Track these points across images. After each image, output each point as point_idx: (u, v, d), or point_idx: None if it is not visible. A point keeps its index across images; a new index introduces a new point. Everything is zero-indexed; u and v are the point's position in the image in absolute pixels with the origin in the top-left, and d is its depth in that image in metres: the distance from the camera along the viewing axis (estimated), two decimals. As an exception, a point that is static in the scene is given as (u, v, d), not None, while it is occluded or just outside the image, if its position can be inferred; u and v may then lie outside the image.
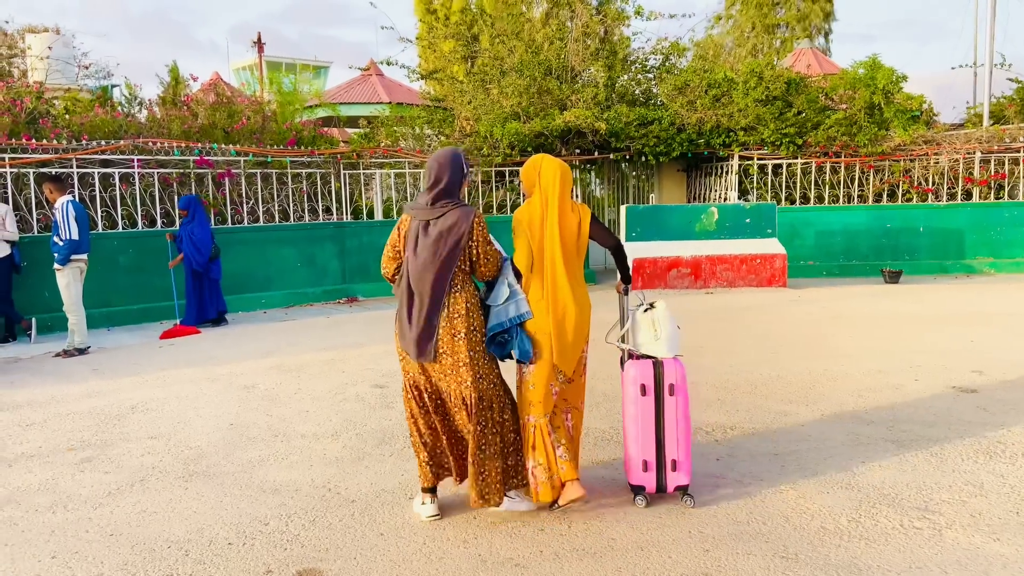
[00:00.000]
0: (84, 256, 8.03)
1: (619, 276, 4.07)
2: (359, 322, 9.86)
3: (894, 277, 12.52)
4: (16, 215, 9.15)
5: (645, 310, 3.87)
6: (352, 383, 6.42)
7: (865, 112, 13.45)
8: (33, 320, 8.75)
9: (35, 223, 9.33)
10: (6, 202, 9.00)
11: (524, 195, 4.14)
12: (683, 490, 3.78)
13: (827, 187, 13.80)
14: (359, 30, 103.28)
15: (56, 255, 7.87)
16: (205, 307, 9.56)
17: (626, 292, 4.03)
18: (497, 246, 3.71)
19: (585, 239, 3.78)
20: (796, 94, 13.68)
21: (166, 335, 8.95)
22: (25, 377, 7.00)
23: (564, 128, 13.01)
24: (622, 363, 3.98)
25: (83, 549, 3.47)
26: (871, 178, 13.71)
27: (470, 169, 4.08)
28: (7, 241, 8.52)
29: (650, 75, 15.16)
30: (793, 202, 13.88)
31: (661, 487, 3.75)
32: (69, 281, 7.93)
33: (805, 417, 5.20)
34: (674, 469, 3.72)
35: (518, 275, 3.72)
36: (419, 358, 3.54)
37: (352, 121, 19.77)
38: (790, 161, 13.73)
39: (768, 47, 33.93)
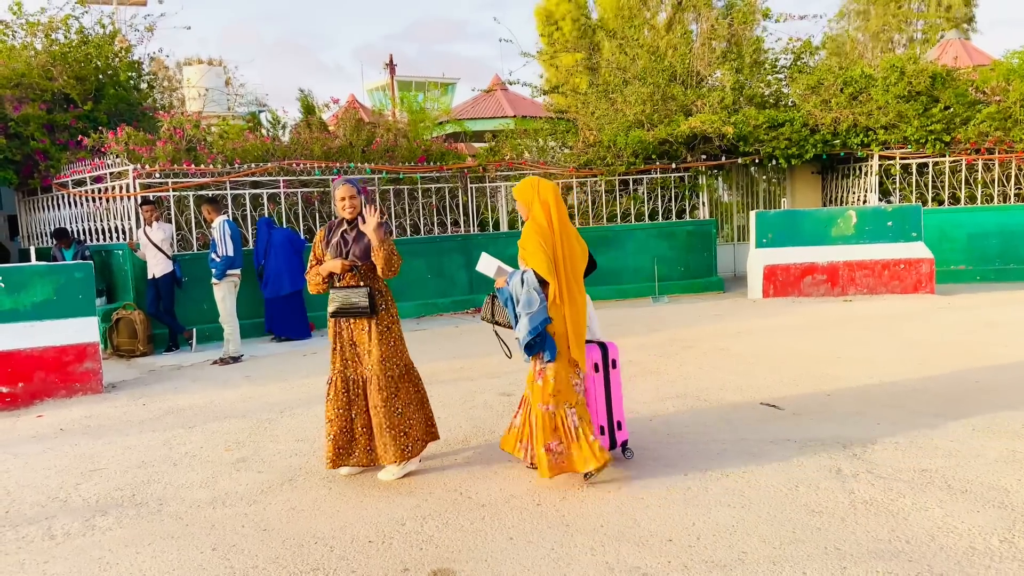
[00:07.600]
0: (238, 271, 8.70)
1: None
2: (486, 331, 10.06)
3: (1059, 281, 11.50)
4: (177, 234, 10.03)
5: None
6: (480, 391, 6.60)
7: (1021, 105, 12.44)
8: (194, 330, 9.54)
9: (195, 241, 10.18)
10: (169, 222, 9.87)
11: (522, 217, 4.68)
12: (624, 444, 4.54)
13: (979, 186, 12.86)
14: (478, 45, 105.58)
15: (213, 271, 8.57)
16: (267, 322, 10.10)
17: None
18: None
19: (586, 251, 4.36)
20: (943, 88, 12.83)
21: None
22: (187, 383, 7.64)
23: (689, 134, 12.82)
24: None
25: (240, 543, 3.77)
26: (1030, 175, 12.68)
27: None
28: (170, 258, 9.34)
29: (780, 76, 14.67)
30: (941, 203, 13.01)
31: (612, 444, 4.48)
32: (225, 295, 8.60)
33: (954, 431, 4.90)
34: (619, 428, 4.48)
35: (542, 283, 4.14)
36: None
37: (479, 136, 20.24)
38: (937, 159, 12.89)
39: (908, 39, 31.85)
